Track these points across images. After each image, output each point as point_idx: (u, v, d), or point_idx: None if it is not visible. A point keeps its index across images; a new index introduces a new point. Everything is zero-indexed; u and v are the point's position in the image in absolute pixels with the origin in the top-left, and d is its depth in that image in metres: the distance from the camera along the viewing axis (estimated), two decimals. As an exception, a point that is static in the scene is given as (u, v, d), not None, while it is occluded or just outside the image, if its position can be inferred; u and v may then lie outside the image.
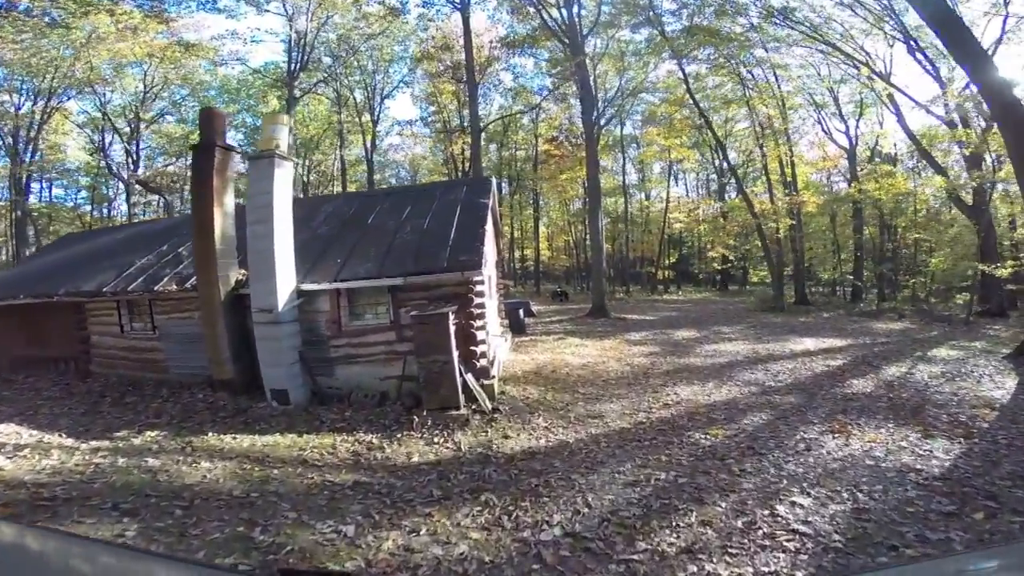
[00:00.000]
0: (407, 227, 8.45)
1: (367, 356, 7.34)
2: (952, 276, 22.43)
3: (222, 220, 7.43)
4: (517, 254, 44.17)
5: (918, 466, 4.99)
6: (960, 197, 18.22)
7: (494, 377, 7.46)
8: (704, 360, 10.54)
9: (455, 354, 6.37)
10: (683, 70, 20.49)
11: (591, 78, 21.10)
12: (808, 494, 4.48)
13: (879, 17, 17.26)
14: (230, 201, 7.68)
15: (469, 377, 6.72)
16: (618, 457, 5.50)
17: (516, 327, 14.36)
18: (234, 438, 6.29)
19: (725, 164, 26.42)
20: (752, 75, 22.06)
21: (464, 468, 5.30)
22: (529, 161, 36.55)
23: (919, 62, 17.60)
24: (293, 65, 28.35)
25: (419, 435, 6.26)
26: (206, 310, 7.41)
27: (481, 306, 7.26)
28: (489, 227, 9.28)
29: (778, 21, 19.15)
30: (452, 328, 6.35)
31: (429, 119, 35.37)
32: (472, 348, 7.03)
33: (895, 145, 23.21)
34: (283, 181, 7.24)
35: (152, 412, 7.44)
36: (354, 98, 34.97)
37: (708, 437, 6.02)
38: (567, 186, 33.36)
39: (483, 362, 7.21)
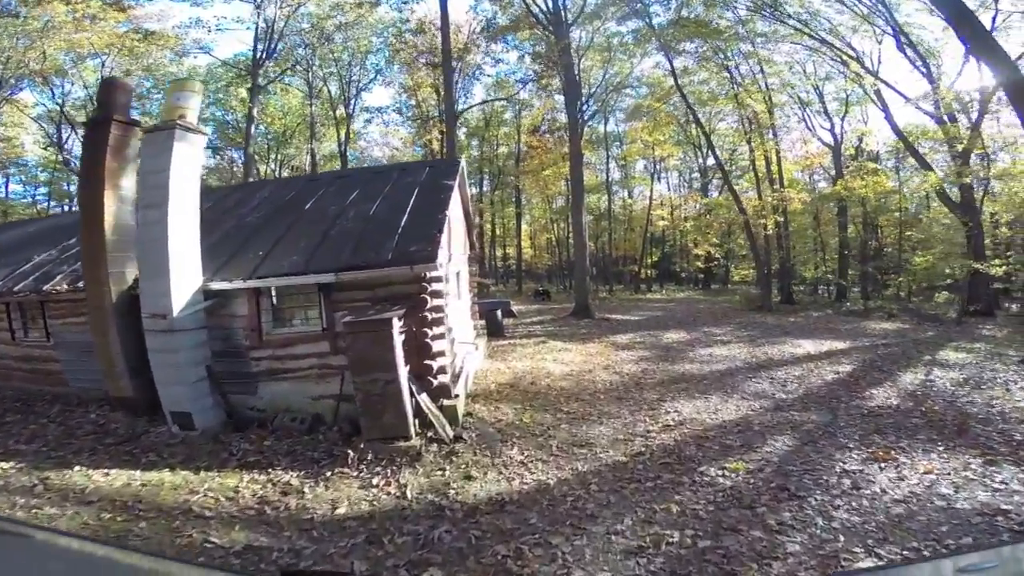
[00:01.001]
0: (350, 213, 6.91)
1: (296, 371, 5.80)
2: (935, 275, 21.92)
3: (116, 207, 5.83)
4: (499, 252, 42.74)
5: (1003, 505, 3.87)
6: (948, 194, 17.48)
7: (457, 396, 5.98)
8: (700, 367, 9.25)
9: (403, 371, 4.89)
10: (671, 61, 19.32)
11: (576, 71, 19.74)
12: (879, 555, 3.27)
13: (870, 9, 16.31)
14: (129, 185, 6.05)
15: (423, 398, 5.25)
16: (614, 507, 4.11)
17: (494, 329, 12.90)
18: (107, 474, 4.76)
19: (712, 158, 25.47)
20: (739, 71, 21.06)
21: (407, 525, 3.87)
22: (512, 158, 35.09)
23: (908, 58, 16.77)
24: (259, 54, 26.34)
25: (354, 473, 4.79)
26: (95, 314, 5.79)
27: (439, 309, 5.77)
28: (455, 214, 7.83)
29: (767, 14, 18.12)
30: (399, 337, 4.87)
31: (407, 112, 33.53)
32: (427, 362, 5.54)
33: (879, 143, 22.51)
34: (186, 158, 5.66)
35: (26, 435, 5.85)
36: (328, 90, 32.98)
37: (726, 473, 4.67)
38: (550, 182, 32.00)
39: (443, 378, 5.74)
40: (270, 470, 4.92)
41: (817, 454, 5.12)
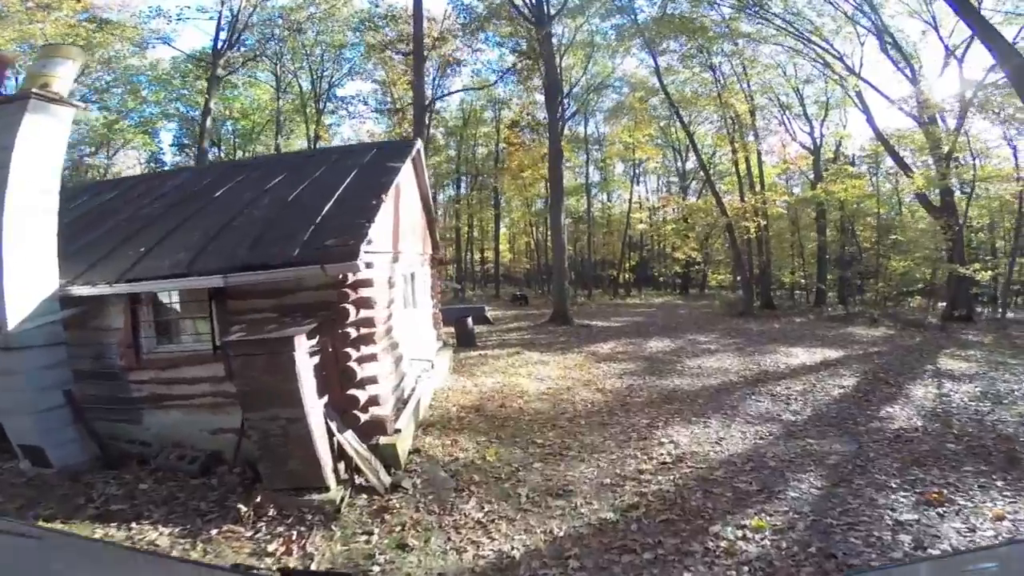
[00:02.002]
0: (264, 200, 5.51)
1: (188, 399, 4.40)
2: (911, 280, 21.65)
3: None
4: (477, 256, 41.41)
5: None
6: (928, 198, 17.05)
7: (399, 431, 4.64)
8: (692, 382, 8.14)
9: (313, 404, 3.58)
10: (655, 58, 18.45)
11: (558, 67, 18.70)
12: None
13: (855, 7, 15.78)
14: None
15: (348, 437, 3.94)
16: (604, 602, 2.87)
17: (464, 339, 11.59)
18: None
19: (691, 162, 24.82)
20: (722, 71, 20.41)
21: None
22: (491, 158, 33.89)
23: (892, 59, 16.30)
24: (221, 44, 24.51)
25: (248, 534, 3.49)
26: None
27: (369, 323, 4.43)
28: (406, 205, 6.57)
29: (752, 12, 17.46)
30: (306, 361, 3.56)
31: (376, 104, 31.87)
32: (352, 392, 4.20)
33: (856, 148, 22.19)
34: (42, 134, 4.26)
35: None
36: (299, 85, 31.17)
37: (748, 535, 3.52)
38: (529, 184, 30.88)
39: (378, 411, 4.43)
40: (136, 524, 3.59)
41: (855, 498, 4.02)
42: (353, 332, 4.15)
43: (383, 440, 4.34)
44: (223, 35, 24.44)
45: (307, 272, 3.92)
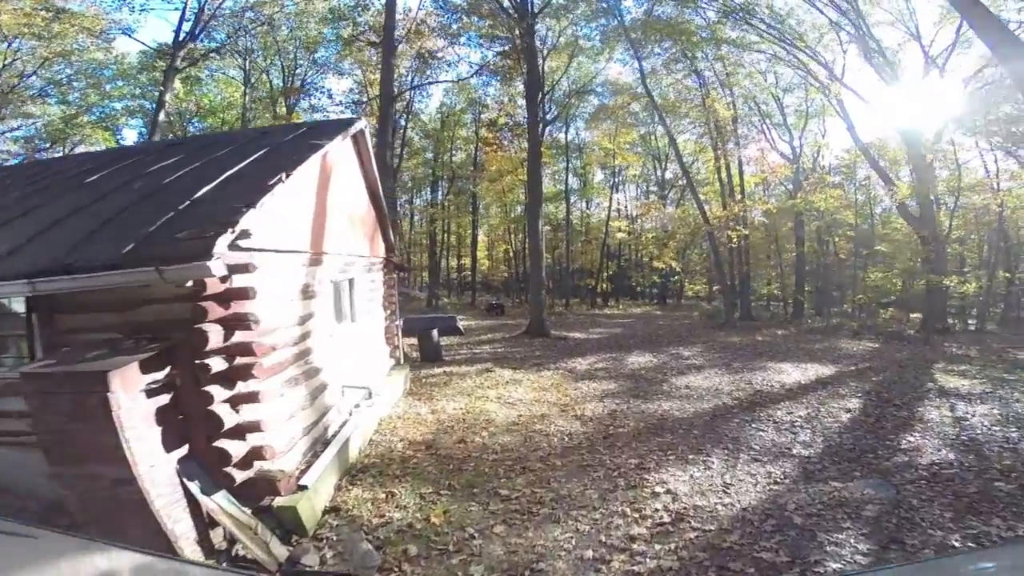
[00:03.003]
0: (137, 184, 4.20)
1: (14, 435, 3.06)
2: (886, 291, 21.52)
3: None
4: (453, 263, 40.11)
5: None
6: (907, 209, 16.79)
7: (304, 488, 3.39)
8: (682, 405, 7.12)
9: (152, 462, 2.40)
10: (639, 60, 17.77)
11: (540, 67, 17.79)
12: None
13: (839, 14, 15.43)
14: None
15: (221, 500, 2.69)
16: None
17: (429, 353, 10.35)
18: None
19: (670, 172, 24.31)
20: (703, 77, 19.98)
21: None
22: (469, 163, 32.78)
23: (874, 67, 16.00)
24: (183, 35, 22.78)
25: None
26: None
27: (246, 349, 3.14)
28: (339, 192, 5.40)
29: (738, 18, 17.02)
30: (139, 404, 2.31)
31: (348, 100, 30.36)
32: (220, 446, 2.92)
33: (833, 158, 22.05)
34: None
35: None
36: (271, 82, 29.49)
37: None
38: (508, 190, 29.89)
39: (267, 465, 3.16)
40: None
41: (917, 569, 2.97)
42: (219, 363, 2.90)
43: (279, 501, 3.10)
44: (187, 26, 22.77)
45: (137, 277, 2.67)
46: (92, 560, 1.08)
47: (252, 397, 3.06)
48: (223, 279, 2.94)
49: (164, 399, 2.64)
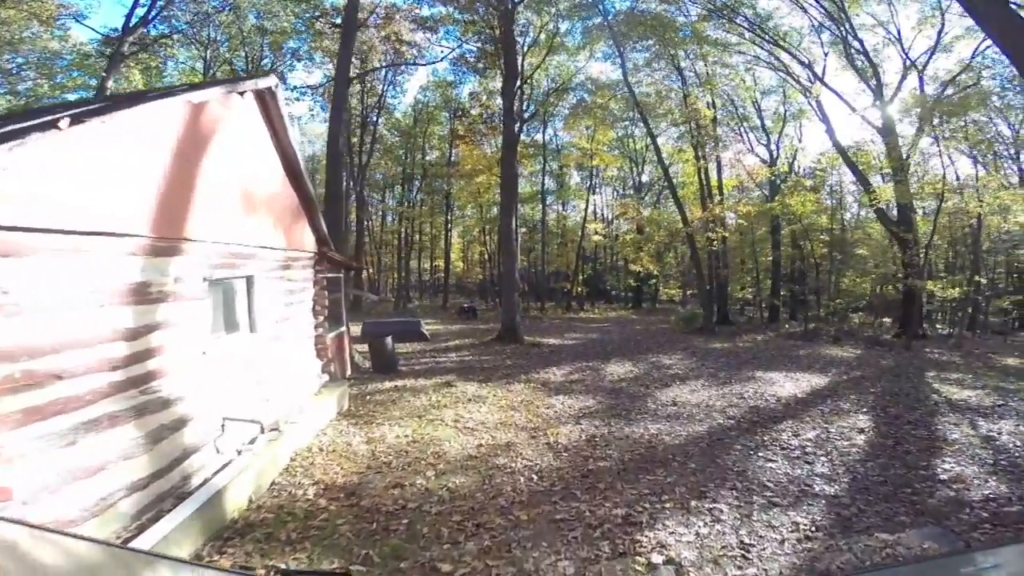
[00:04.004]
0: None
1: None
2: (860, 296, 21.30)
3: None
4: (426, 264, 38.55)
5: None
6: (886, 213, 16.41)
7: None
8: (672, 428, 6.01)
9: None
10: (622, 55, 16.84)
11: (519, 66, 16.63)
12: None
13: (823, 14, 14.92)
14: None
15: None
16: None
17: (382, 364, 8.97)
18: None
19: (649, 170, 23.55)
20: (684, 77, 19.32)
21: None
22: (443, 161, 31.37)
23: (856, 69, 15.57)
24: (133, 20, 20.62)
25: None
26: None
27: None
28: (227, 164, 4.08)
29: (721, 16, 16.35)
30: None
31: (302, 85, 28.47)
32: None
33: (813, 160, 21.69)
34: None
35: None
36: (234, 73, 27.25)
37: None
38: (484, 190, 28.65)
39: None
40: None
41: None
42: None
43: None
44: (141, 11, 20.61)
45: None
46: (91, 560, 1.01)
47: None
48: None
49: None
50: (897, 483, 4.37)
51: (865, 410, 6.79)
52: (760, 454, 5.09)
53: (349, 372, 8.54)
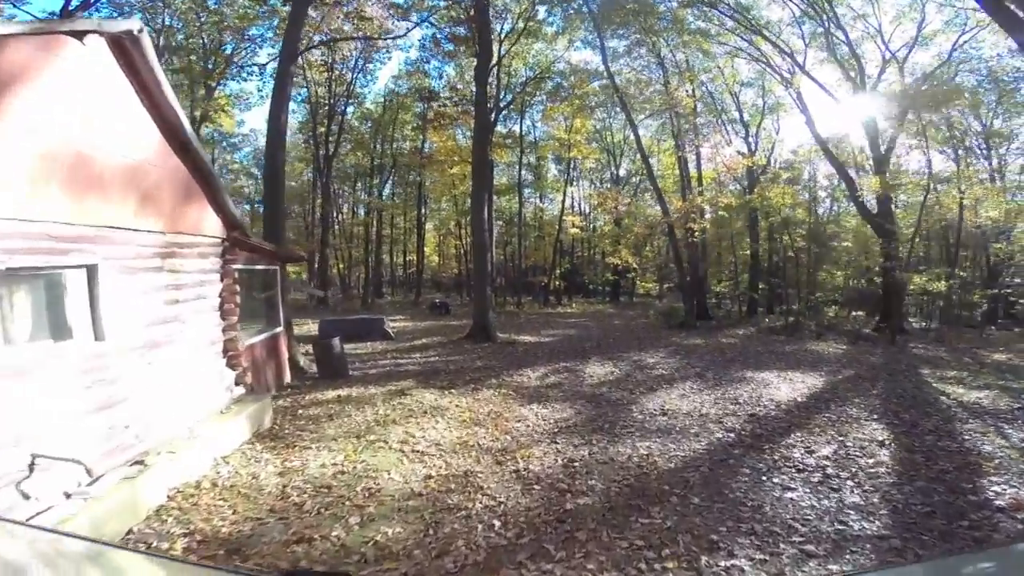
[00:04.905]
0: None
1: None
2: (836, 289, 21.07)
3: None
4: (399, 259, 36.96)
5: None
6: (865, 206, 16.00)
7: None
8: (664, 444, 5.01)
9: None
10: (602, 40, 15.86)
11: (495, 48, 15.38)
12: None
13: (807, 4, 14.28)
14: None
15: None
16: None
17: (329, 368, 7.71)
18: None
19: (627, 163, 22.76)
20: (665, 66, 18.51)
21: None
22: (415, 152, 29.79)
23: (838, 60, 15.02)
24: (74, 2, 18.41)
25: None
26: None
27: None
28: (70, 117, 2.77)
29: (703, 1, 15.51)
30: None
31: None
32: None
33: (791, 152, 21.30)
34: None
35: None
36: (189, 61, 24.91)
37: None
38: (459, 181, 27.27)
39: None
40: None
41: None
42: None
43: None
44: None
45: None
46: (91, 560, 0.98)
47: None
48: None
49: None
50: (948, 513, 3.47)
51: (876, 417, 5.97)
52: (775, 480, 4.13)
53: (288, 380, 7.26)
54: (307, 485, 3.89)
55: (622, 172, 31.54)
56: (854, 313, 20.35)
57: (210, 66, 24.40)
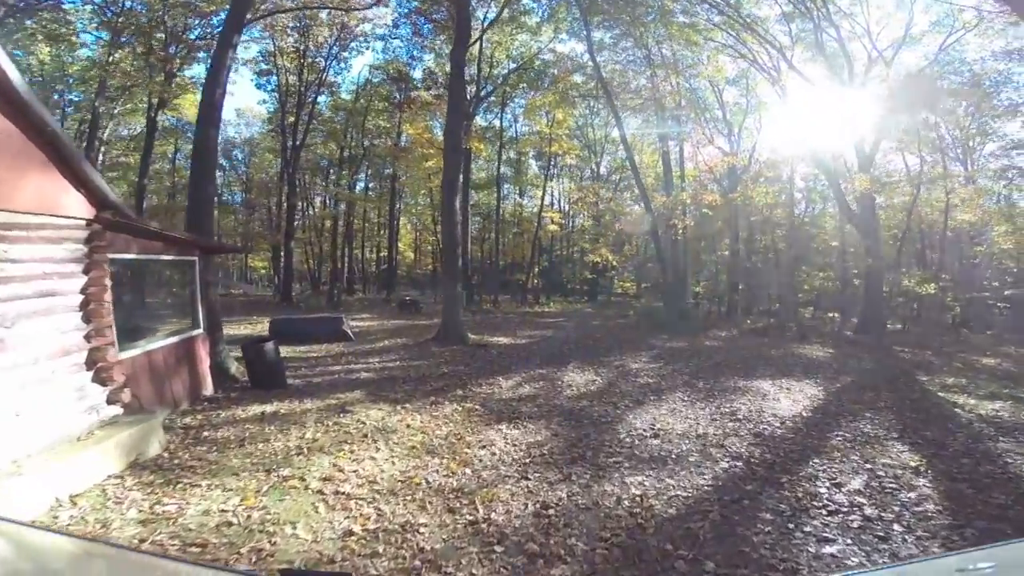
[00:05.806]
0: None
1: None
2: (821, 289, 20.82)
3: None
4: (371, 255, 35.39)
5: None
6: (849, 207, 15.59)
7: None
8: (659, 479, 4.03)
9: None
10: (588, 30, 14.91)
11: (470, 26, 14.22)
12: None
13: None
14: None
15: None
16: None
17: (262, 377, 6.46)
18: None
19: (607, 160, 21.96)
20: (651, 59, 17.75)
21: None
22: (389, 142, 28.29)
23: (827, 57, 14.51)
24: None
25: None
26: None
27: None
28: None
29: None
30: None
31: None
32: None
33: (773, 150, 20.88)
34: None
35: None
36: (150, 45, 22.61)
37: None
38: (434, 174, 25.95)
39: None
40: None
41: None
42: None
43: None
44: None
45: None
46: (91, 560, 0.98)
47: None
48: None
49: None
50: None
51: (896, 436, 5.16)
52: (806, 528, 3.19)
53: (210, 392, 5.99)
54: (174, 541, 2.72)
55: (603, 170, 30.87)
56: (830, 314, 20.18)
57: (173, 50, 22.33)
